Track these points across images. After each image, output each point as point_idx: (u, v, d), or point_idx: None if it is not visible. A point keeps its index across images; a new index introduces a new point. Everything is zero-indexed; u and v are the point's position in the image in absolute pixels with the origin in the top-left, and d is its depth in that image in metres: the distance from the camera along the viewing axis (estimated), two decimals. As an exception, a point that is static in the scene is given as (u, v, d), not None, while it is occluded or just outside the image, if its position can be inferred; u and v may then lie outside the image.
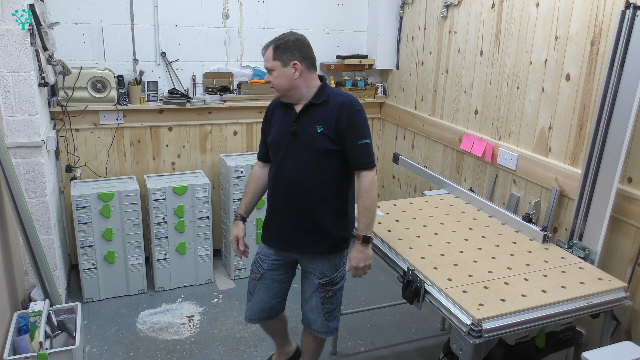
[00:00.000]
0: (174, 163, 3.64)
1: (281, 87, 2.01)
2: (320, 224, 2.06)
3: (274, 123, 2.13)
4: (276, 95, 2.07)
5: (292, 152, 2.04)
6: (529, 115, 2.62)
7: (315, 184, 2.02)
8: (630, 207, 2.08)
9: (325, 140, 1.99)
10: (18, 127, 2.65)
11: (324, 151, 2.00)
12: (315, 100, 2.02)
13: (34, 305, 2.44)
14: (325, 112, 2.00)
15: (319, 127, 1.99)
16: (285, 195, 2.08)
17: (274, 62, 1.98)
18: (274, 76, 2.00)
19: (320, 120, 2.00)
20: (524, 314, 1.76)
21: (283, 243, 2.15)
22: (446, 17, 3.22)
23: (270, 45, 1.99)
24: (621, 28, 2.02)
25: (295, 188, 2.04)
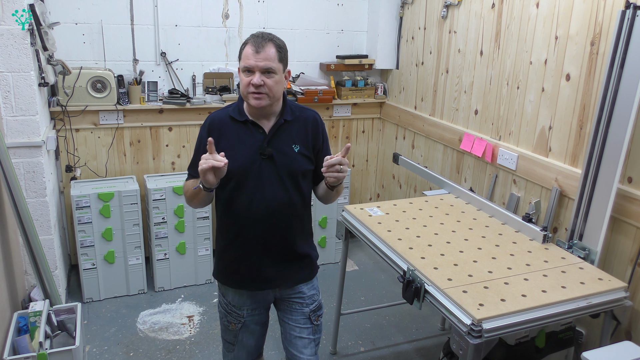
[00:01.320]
0: (174, 163, 3.64)
1: (276, 96, 1.73)
2: (302, 249, 1.89)
3: (230, 144, 1.76)
4: (261, 103, 1.70)
5: (267, 178, 1.76)
6: (529, 115, 2.62)
7: (296, 208, 1.83)
8: (631, 207, 2.08)
9: (303, 160, 1.80)
10: (18, 127, 2.65)
11: (303, 172, 1.80)
12: (288, 117, 1.80)
13: (34, 305, 2.44)
14: (298, 129, 1.80)
15: (295, 146, 1.79)
16: (266, 226, 1.79)
17: (279, 64, 1.70)
18: (275, 80, 1.69)
19: (295, 139, 1.79)
20: (524, 314, 1.76)
21: (262, 282, 1.85)
22: (446, 17, 3.22)
23: (270, 43, 1.69)
24: (621, 28, 2.02)
25: (277, 216, 1.79)
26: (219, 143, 1.74)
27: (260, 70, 1.67)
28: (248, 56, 1.68)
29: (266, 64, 1.67)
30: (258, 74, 1.67)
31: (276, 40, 1.72)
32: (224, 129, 1.78)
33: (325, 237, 3.79)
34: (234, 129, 1.77)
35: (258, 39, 1.69)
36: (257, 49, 1.67)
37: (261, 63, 1.66)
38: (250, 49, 1.68)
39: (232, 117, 1.79)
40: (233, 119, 1.79)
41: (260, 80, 1.67)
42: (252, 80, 1.67)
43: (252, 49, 1.68)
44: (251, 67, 1.67)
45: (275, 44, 1.70)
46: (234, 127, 1.78)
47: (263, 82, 1.67)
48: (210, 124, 1.81)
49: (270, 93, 1.70)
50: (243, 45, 1.74)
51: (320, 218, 3.73)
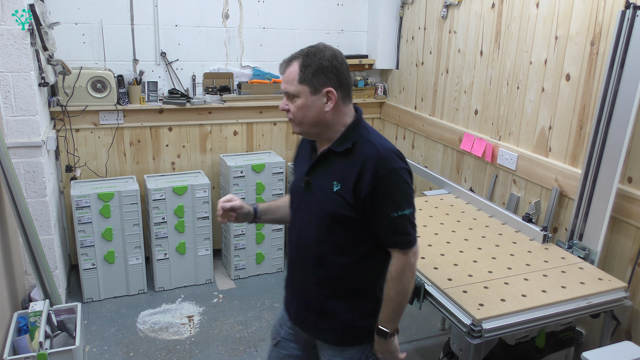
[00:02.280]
0: (174, 163, 3.64)
1: (305, 121, 1.48)
2: (328, 308, 1.57)
3: (299, 162, 1.67)
4: (293, 130, 1.53)
5: (302, 208, 1.58)
6: (529, 115, 2.62)
7: (324, 257, 1.54)
8: (630, 207, 2.08)
9: (339, 203, 1.47)
10: (18, 127, 2.65)
11: (335, 217, 1.49)
12: (336, 147, 1.49)
13: (34, 305, 2.44)
14: (347, 165, 1.47)
15: (336, 184, 1.48)
16: (293, 259, 1.65)
17: (299, 86, 1.44)
18: (297, 105, 1.46)
19: (338, 176, 1.48)
20: (524, 314, 1.76)
21: (293, 314, 1.68)
22: (446, 17, 3.22)
23: (296, 61, 1.46)
24: (621, 28, 2.02)
25: (301, 255, 1.60)
26: (298, 155, 1.69)
27: (285, 94, 1.49)
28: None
29: (284, 87, 1.49)
30: (284, 98, 1.50)
31: (305, 57, 1.47)
32: (303, 145, 1.67)
33: (325, 237, 3.79)
34: (308, 145, 1.63)
35: (287, 58, 1.50)
36: (282, 70, 1.50)
37: (282, 86, 1.49)
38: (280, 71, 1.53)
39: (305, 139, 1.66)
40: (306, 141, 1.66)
41: (285, 105, 1.50)
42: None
43: (280, 70, 1.52)
44: (282, 90, 1.53)
45: (302, 61, 1.46)
46: (308, 146, 1.63)
47: (288, 108, 1.49)
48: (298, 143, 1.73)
49: (296, 119, 1.49)
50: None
51: (320, 218, 3.73)
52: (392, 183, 1.43)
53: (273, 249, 3.68)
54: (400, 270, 1.47)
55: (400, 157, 1.46)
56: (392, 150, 1.46)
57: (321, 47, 1.48)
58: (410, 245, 1.47)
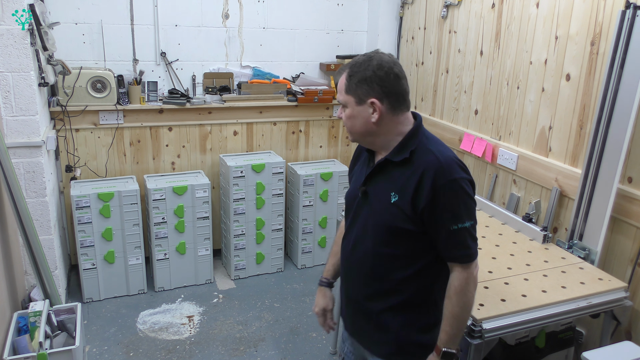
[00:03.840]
0: (174, 163, 3.64)
1: (354, 131, 1.49)
2: (382, 320, 1.52)
3: (355, 171, 1.64)
4: (349, 137, 1.57)
5: (358, 218, 1.54)
6: (529, 115, 2.62)
7: (380, 270, 1.50)
8: (631, 207, 2.08)
9: (398, 214, 1.42)
10: (18, 127, 2.65)
11: (394, 229, 1.44)
12: (394, 157, 1.45)
13: (33, 305, 2.44)
14: (405, 175, 1.43)
15: (394, 195, 1.43)
16: (347, 270, 1.62)
17: (346, 96, 1.46)
18: (346, 115, 1.48)
19: (396, 186, 1.44)
20: (524, 314, 1.76)
21: (350, 325, 1.67)
22: (446, 17, 3.22)
23: (344, 72, 1.47)
24: (621, 28, 2.02)
25: (356, 267, 1.56)
26: (354, 166, 1.66)
27: (340, 103, 1.52)
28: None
29: (337, 96, 1.52)
30: (339, 108, 1.53)
31: (352, 67, 1.46)
32: (361, 153, 1.64)
33: (326, 237, 3.79)
34: (365, 153, 1.60)
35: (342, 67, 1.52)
36: (336, 79, 1.62)
37: (337, 97, 1.53)
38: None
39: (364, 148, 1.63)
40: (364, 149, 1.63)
41: (340, 113, 1.52)
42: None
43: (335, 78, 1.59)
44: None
45: (349, 70, 1.46)
46: (365, 154, 1.60)
47: (341, 116, 1.53)
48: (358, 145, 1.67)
49: (347, 128, 1.51)
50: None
51: (320, 218, 3.73)
52: (452, 194, 1.37)
53: (273, 249, 3.68)
54: (465, 285, 1.41)
55: (461, 166, 1.41)
56: (453, 159, 1.41)
57: (371, 56, 1.44)
58: (471, 260, 1.42)
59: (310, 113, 3.86)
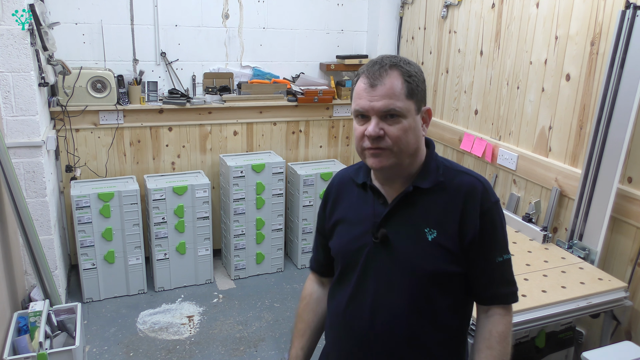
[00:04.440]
0: (174, 163, 3.64)
1: (407, 150, 1.15)
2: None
3: (343, 214, 1.28)
4: (381, 163, 1.15)
5: (375, 274, 1.21)
6: (529, 115, 2.62)
7: (418, 335, 1.19)
8: (630, 207, 2.08)
9: (440, 255, 1.17)
10: (18, 127, 2.65)
11: (436, 276, 1.17)
12: (422, 183, 1.19)
13: (33, 305, 2.44)
14: (440, 203, 1.19)
15: (429, 231, 1.17)
16: (356, 346, 1.24)
17: (407, 101, 1.13)
18: (402, 128, 1.13)
19: (432, 220, 1.18)
20: (524, 314, 1.76)
21: None
22: (446, 17, 3.22)
23: (395, 69, 1.14)
24: (621, 28, 2.02)
25: (379, 336, 1.20)
26: (334, 211, 1.30)
27: (379, 114, 1.13)
28: (360, 93, 1.15)
29: (387, 103, 1.12)
30: (375, 119, 1.13)
31: (404, 66, 1.15)
32: (343, 191, 1.31)
33: (325, 237, 3.79)
34: (354, 194, 1.28)
35: (375, 66, 1.15)
36: (373, 81, 1.13)
37: (378, 103, 1.12)
38: (363, 83, 1.15)
39: (352, 179, 1.30)
40: (352, 180, 1.30)
41: (379, 129, 1.12)
42: (367, 130, 1.13)
43: (366, 81, 1.14)
44: (364, 109, 1.14)
45: (403, 70, 1.15)
46: (354, 191, 1.28)
47: (383, 132, 1.13)
48: (330, 185, 1.35)
49: (396, 147, 1.13)
50: (356, 78, 1.20)
51: (320, 218, 3.73)
52: (497, 219, 1.19)
53: (273, 249, 3.68)
54: (510, 330, 1.20)
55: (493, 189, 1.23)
56: (485, 179, 1.23)
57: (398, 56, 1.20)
58: (516, 299, 1.22)
59: (310, 113, 3.86)
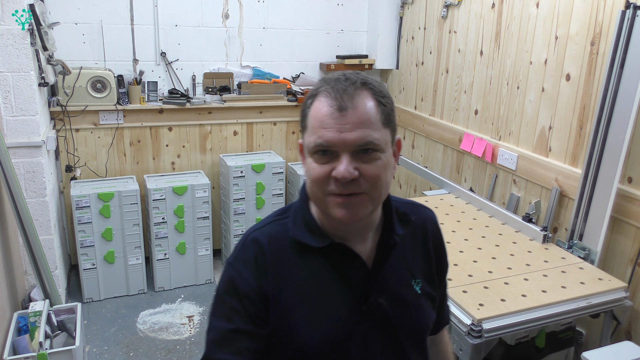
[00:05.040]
0: (174, 163, 3.64)
1: (385, 193, 0.92)
2: None
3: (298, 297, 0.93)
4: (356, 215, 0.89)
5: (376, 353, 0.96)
6: (529, 115, 2.62)
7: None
8: (631, 207, 2.08)
9: (429, 305, 1.03)
10: (18, 127, 2.65)
11: (426, 330, 1.04)
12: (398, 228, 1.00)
13: (34, 305, 2.44)
14: (414, 248, 1.04)
15: (416, 282, 1.01)
16: None
17: (384, 130, 0.89)
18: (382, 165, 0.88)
19: (414, 268, 1.02)
20: (524, 314, 1.76)
21: None
22: (446, 17, 3.22)
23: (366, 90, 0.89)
24: (621, 28, 2.02)
25: None
26: (278, 296, 0.93)
27: (351, 149, 0.86)
28: (323, 121, 0.86)
29: (362, 134, 0.85)
30: (347, 157, 0.85)
31: (375, 85, 0.92)
32: (284, 263, 0.94)
33: (325, 237, 3.79)
34: (306, 267, 0.93)
35: (341, 83, 0.89)
36: (342, 103, 0.86)
37: (352, 134, 0.85)
38: (327, 105, 0.87)
39: (301, 241, 0.93)
40: (302, 246, 0.94)
41: (353, 169, 0.85)
42: (337, 170, 0.85)
43: (332, 103, 0.86)
44: (331, 143, 0.85)
45: (375, 90, 0.91)
46: (303, 262, 0.94)
47: (358, 173, 0.86)
48: (254, 257, 0.94)
49: (374, 191, 0.88)
50: (310, 98, 0.91)
51: (320, 218, 3.73)
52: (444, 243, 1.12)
53: (273, 249, 3.67)
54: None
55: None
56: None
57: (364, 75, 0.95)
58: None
59: (310, 113, 3.85)
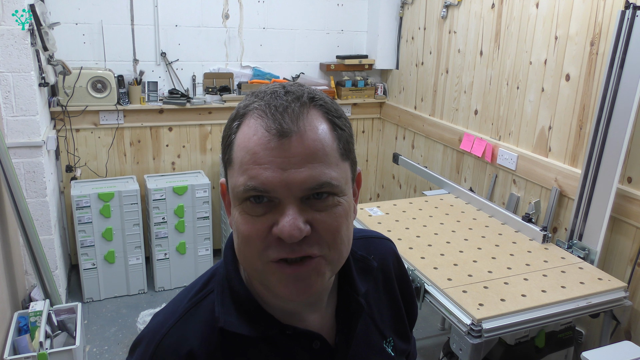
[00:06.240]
0: (174, 163, 3.64)
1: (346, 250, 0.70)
2: None
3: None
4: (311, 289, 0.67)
5: None
6: (529, 115, 2.62)
7: None
8: (630, 207, 2.08)
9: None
10: (18, 127, 2.65)
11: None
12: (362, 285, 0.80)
13: (34, 305, 2.45)
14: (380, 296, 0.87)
15: (388, 342, 0.85)
16: None
17: (343, 164, 0.68)
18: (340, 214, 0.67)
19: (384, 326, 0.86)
20: (524, 314, 1.76)
21: None
22: (446, 17, 3.22)
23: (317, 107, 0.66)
24: (621, 28, 2.02)
25: None
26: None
27: (299, 195, 0.64)
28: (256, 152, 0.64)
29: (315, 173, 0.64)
30: (293, 207, 0.64)
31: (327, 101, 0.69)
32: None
33: (325, 237, 3.79)
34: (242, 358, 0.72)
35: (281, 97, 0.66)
36: (283, 126, 0.64)
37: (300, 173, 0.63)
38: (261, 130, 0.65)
39: (236, 332, 0.71)
40: (237, 339, 0.72)
41: (303, 223, 0.64)
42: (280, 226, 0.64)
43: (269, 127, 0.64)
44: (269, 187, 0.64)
45: (328, 107, 0.69)
46: (241, 352, 0.72)
47: (310, 229, 0.65)
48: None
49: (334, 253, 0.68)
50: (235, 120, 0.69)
51: (320, 218, 3.73)
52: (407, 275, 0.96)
53: (273, 249, 3.68)
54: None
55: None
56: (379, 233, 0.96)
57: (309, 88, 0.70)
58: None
59: (310, 113, 3.85)
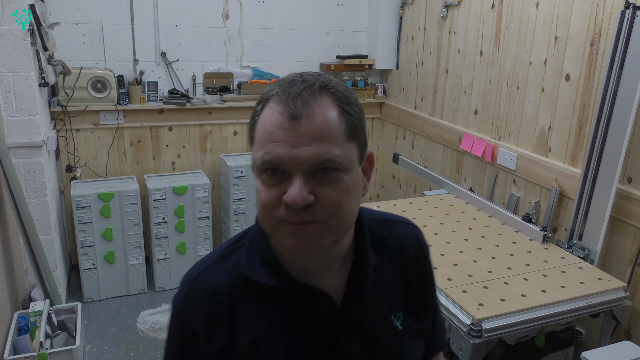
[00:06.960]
0: (174, 163, 3.65)
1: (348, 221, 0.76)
2: None
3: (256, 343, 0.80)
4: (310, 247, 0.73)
5: None
6: (529, 115, 2.62)
7: None
8: (630, 207, 2.08)
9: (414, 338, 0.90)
10: (18, 127, 2.65)
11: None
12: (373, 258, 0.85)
13: (34, 305, 2.45)
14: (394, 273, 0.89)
15: (397, 316, 0.87)
16: None
17: (349, 145, 0.73)
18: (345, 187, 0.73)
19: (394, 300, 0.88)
20: (524, 314, 1.76)
21: None
22: (446, 17, 3.22)
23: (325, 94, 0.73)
24: (621, 28, 2.02)
25: None
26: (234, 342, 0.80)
27: (306, 169, 0.71)
28: (272, 132, 0.71)
29: (319, 150, 0.70)
30: (300, 178, 0.70)
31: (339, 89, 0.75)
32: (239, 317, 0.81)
33: (325, 237, 3.79)
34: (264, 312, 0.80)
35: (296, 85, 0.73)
36: (295, 110, 0.70)
37: (306, 150, 0.70)
38: (276, 113, 0.72)
39: (255, 280, 0.79)
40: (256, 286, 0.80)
41: (307, 193, 0.70)
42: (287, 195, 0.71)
43: (283, 110, 0.71)
44: (281, 160, 0.70)
45: (339, 95, 0.74)
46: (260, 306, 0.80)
47: (314, 198, 0.71)
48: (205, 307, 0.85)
49: (334, 219, 0.73)
50: (260, 103, 0.77)
51: (320, 218, 3.73)
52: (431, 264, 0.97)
53: (273, 249, 3.68)
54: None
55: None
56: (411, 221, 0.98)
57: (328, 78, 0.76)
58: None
59: (310, 113, 3.85)
